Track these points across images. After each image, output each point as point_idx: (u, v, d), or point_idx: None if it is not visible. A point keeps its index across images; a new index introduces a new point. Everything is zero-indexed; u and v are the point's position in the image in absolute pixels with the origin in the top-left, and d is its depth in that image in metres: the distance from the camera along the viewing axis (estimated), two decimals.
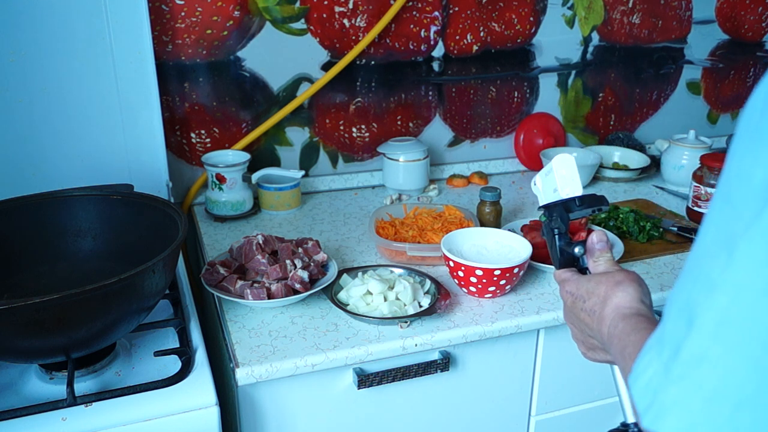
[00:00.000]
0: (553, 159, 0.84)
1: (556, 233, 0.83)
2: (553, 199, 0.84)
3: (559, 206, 0.83)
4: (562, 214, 0.82)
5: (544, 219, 0.85)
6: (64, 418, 0.85)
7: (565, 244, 0.82)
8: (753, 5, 1.94)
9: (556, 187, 0.83)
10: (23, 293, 1.02)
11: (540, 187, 0.87)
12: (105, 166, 1.37)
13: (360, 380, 1.04)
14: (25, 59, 1.26)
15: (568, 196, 0.82)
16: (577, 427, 1.28)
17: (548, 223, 0.84)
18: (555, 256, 0.84)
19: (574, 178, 0.82)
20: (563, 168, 0.82)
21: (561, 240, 0.82)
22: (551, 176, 0.84)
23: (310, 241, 1.22)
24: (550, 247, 0.84)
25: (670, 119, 1.97)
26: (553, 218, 0.83)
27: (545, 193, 0.86)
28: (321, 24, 1.54)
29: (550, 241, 0.84)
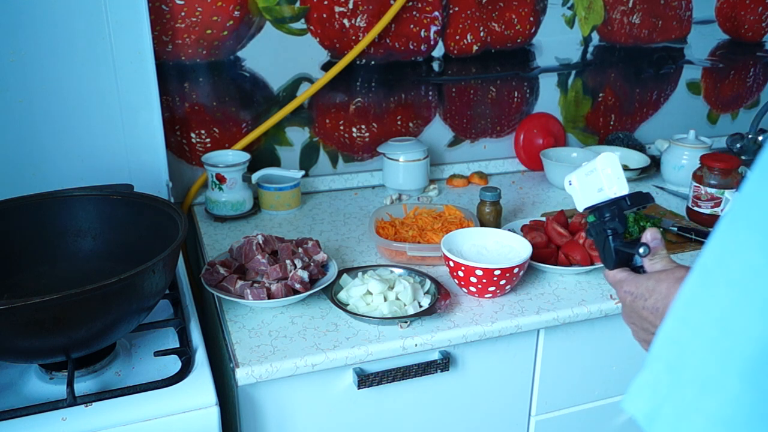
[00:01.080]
0: (596, 159, 0.82)
1: (610, 234, 0.81)
2: (600, 199, 0.81)
3: (609, 206, 0.81)
4: (617, 213, 0.80)
5: (592, 219, 0.83)
6: (64, 418, 0.85)
7: (622, 245, 0.80)
8: (753, 5, 1.94)
9: (601, 187, 0.81)
10: (23, 293, 1.02)
11: (578, 187, 0.85)
12: (105, 166, 1.37)
13: (360, 380, 1.04)
14: (25, 59, 1.26)
15: (617, 195, 0.80)
16: (577, 427, 1.28)
17: (598, 224, 0.82)
18: (609, 256, 0.81)
19: (619, 176, 0.81)
20: (608, 167, 0.80)
21: (616, 240, 0.81)
22: (595, 175, 0.82)
23: (310, 241, 1.22)
24: (602, 247, 0.82)
25: (670, 119, 1.97)
26: (606, 218, 0.81)
27: (587, 194, 0.83)
28: (321, 24, 1.54)
29: (601, 241, 0.82)
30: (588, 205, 0.84)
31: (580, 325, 1.19)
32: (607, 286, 1.20)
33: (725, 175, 1.44)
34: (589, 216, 0.83)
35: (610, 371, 1.26)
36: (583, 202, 0.85)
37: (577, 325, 1.18)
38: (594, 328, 1.21)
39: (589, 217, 0.83)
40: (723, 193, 1.43)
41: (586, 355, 1.22)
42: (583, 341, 1.21)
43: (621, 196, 0.80)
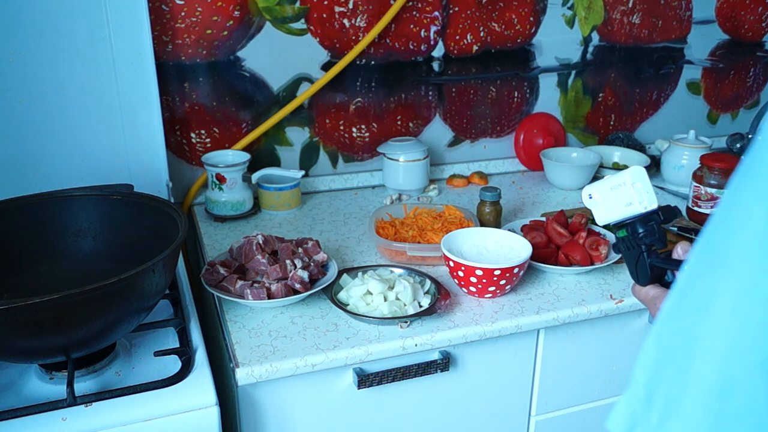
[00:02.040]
0: (626, 172, 0.79)
1: (645, 249, 0.78)
2: (628, 214, 0.79)
3: (641, 220, 0.79)
4: (652, 228, 0.78)
5: (624, 234, 0.80)
6: (64, 418, 0.85)
7: (659, 261, 0.78)
8: (753, 5, 1.94)
9: (631, 201, 0.78)
10: (23, 293, 1.02)
11: (600, 201, 0.82)
12: (105, 166, 1.37)
13: (360, 380, 1.04)
14: (25, 59, 1.26)
15: (648, 210, 0.78)
16: (577, 427, 1.28)
17: (631, 239, 0.80)
18: (644, 272, 0.79)
19: (649, 190, 0.78)
20: (638, 180, 0.78)
21: (651, 256, 0.78)
22: (623, 189, 0.79)
23: (310, 241, 1.22)
24: (635, 263, 0.80)
25: (670, 119, 1.97)
26: (641, 233, 0.79)
27: (611, 207, 0.81)
28: (321, 24, 1.54)
29: (634, 257, 0.80)
30: (614, 219, 0.81)
31: (580, 325, 1.19)
32: (607, 285, 1.20)
33: (725, 175, 1.44)
34: (620, 231, 0.81)
35: (610, 371, 1.26)
36: (606, 216, 0.82)
37: (577, 325, 1.18)
38: (594, 328, 1.21)
39: (620, 232, 0.81)
40: (723, 193, 1.43)
41: (586, 355, 1.22)
42: (583, 341, 1.21)
43: (653, 210, 0.78)
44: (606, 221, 0.83)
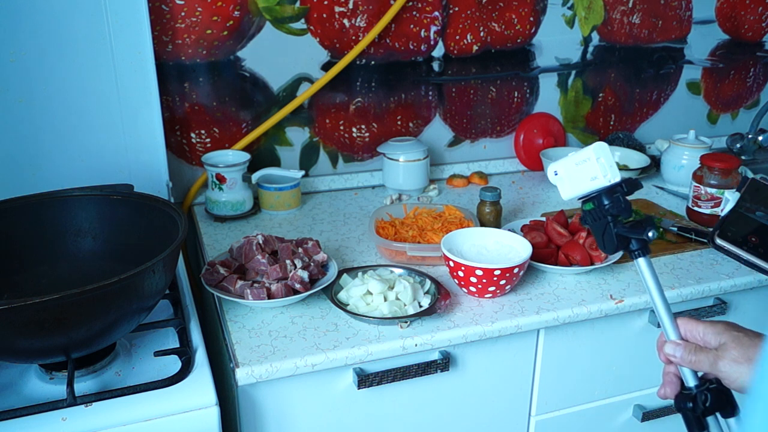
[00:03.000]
0: (589, 148, 0.83)
1: (611, 220, 0.81)
2: (594, 188, 0.82)
3: (607, 193, 0.81)
4: (618, 200, 0.81)
5: (591, 207, 0.83)
6: (64, 418, 0.85)
7: (626, 230, 0.81)
8: (753, 5, 1.94)
9: (595, 175, 0.81)
10: (23, 293, 1.02)
11: (565, 177, 0.85)
12: (105, 166, 1.37)
13: (360, 380, 1.04)
14: (25, 59, 1.26)
15: (612, 182, 0.81)
16: (577, 427, 1.28)
17: (597, 211, 0.82)
18: (609, 241, 0.82)
19: (612, 164, 0.81)
20: (602, 156, 0.81)
21: (617, 226, 0.81)
22: (588, 164, 0.82)
23: (310, 241, 1.22)
24: (601, 234, 0.82)
25: (670, 119, 1.97)
26: (606, 205, 0.81)
27: (577, 183, 0.84)
28: (321, 24, 1.54)
29: (601, 228, 0.82)
30: (580, 193, 0.84)
31: (580, 325, 1.19)
32: (607, 286, 1.20)
33: (725, 175, 1.44)
34: (587, 204, 0.83)
35: (610, 371, 1.26)
36: (572, 191, 0.85)
37: (577, 325, 1.18)
38: (594, 328, 1.21)
39: (587, 205, 0.83)
40: (723, 193, 1.43)
41: (586, 355, 1.22)
42: (583, 341, 1.21)
43: (616, 182, 0.81)
44: (571, 196, 0.85)
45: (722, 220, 1.33)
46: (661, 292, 0.82)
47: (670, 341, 0.80)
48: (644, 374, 1.29)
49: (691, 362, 0.78)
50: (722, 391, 0.78)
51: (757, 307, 1.33)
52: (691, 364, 0.78)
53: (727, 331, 0.78)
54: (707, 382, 0.79)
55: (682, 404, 0.79)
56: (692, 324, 0.80)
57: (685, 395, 0.79)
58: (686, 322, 0.81)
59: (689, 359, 0.78)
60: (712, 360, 0.76)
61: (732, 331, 0.77)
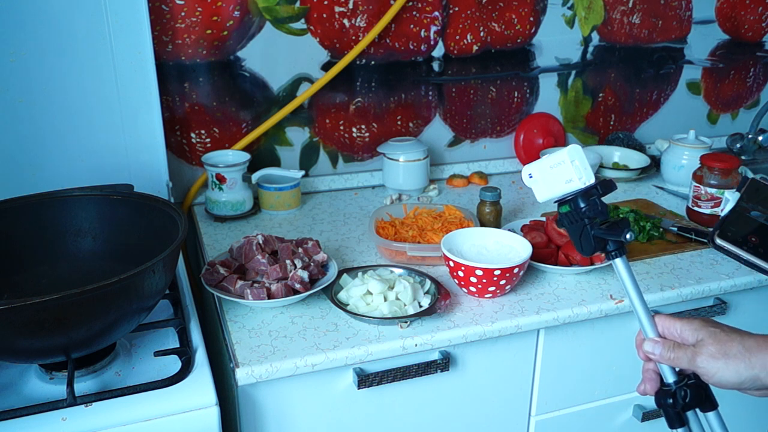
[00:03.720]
0: (563, 150, 0.83)
1: (587, 222, 0.82)
2: (568, 190, 0.82)
3: (582, 195, 0.82)
4: (594, 203, 0.81)
5: (567, 209, 0.84)
6: (64, 418, 0.85)
7: (603, 232, 0.81)
8: (753, 5, 1.94)
9: (570, 178, 0.82)
10: (23, 293, 1.02)
11: (540, 179, 0.86)
12: (105, 166, 1.37)
13: (360, 380, 1.04)
14: (25, 59, 1.26)
15: (587, 185, 0.81)
16: (577, 427, 1.28)
17: (573, 214, 0.83)
18: (587, 243, 0.82)
19: (586, 166, 0.82)
20: (576, 158, 0.81)
21: (594, 228, 0.81)
22: (563, 167, 0.82)
23: (310, 241, 1.22)
24: (578, 236, 0.83)
25: (670, 119, 1.97)
26: (583, 207, 0.82)
27: (551, 185, 0.84)
28: (321, 24, 1.54)
29: (578, 230, 0.83)
30: (555, 196, 0.84)
31: (580, 325, 1.19)
32: (607, 286, 1.20)
33: (725, 175, 1.44)
34: (563, 207, 0.84)
35: (610, 371, 1.26)
36: (546, 193, 0.85)
37: (577, 325, 1.18)
38: (594, 328, 1.21)
39: (563, 207, 0.84)
40: (723, 193, 1.43)
41: (586, 355, 1.22)
42: (583, 341, 1.21)
43: (591, 185, 0.81)
44: (546, 198, 0.85)
45: (722, 220, 1.33)
46: (639, 291, 0.83)
47: (649, 339, 0.82)
48: None
49: (670, 359, 0.79)
50: (701, 387, 0.80)
51: (757, 307, 1.33)
52: (669, 360, 0.79)
53: (704, 327, 0.79)
54: (685, 377, 0.80)
55: (663, 400, 0.81)
56: (669, 321, 0.81)
57: (665, 391, 0.81)
58: (663, 320, 0.82)
59: (668, 356, 0.79)
60: (690, 356, 0.77)
61: (709, 327, 0.79)
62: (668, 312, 1.23)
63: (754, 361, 0.75)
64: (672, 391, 0.80)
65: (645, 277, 1.24)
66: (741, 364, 0.75)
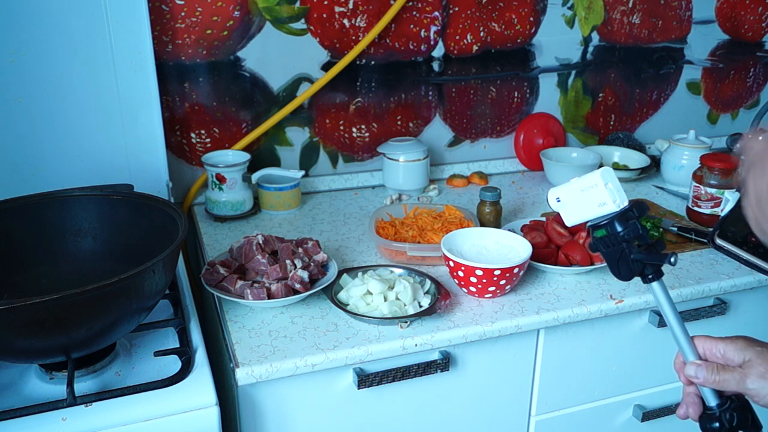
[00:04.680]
0: (596, 174, 0.81)
1: (625, 246, 0.79)
2: (602, 213, 0.80)
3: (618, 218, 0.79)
4: (634, 226, 0.79)
5: (603, 234, 0.81)
6: (64, 418, 0.85)
7: (645, 256, 0.79)
8: (753, 5, 1.94)
9: (604, 201, 0.79)
10: (23, 293, 1.02)
11: (569, 203, 0.83)
12: (105, 166, 1.37)
13: (360, 380, 1.04)
14: (25, 59, 1.26)
15: (621, 207, 0.79)
16: (577, 427, 1.28)
17: (610, 238, 0.80)
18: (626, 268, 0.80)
19: (619, 188, 0.80)
20: (610, 181, 0.79)
21: (632, 251, 0.79)
22: (597, 191, 0.80)
23: (310, 241, 1.22)
24: (616, 260, 0.81)
25: (670, 119, 1.97)
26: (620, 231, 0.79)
27: (583, 209, 0.82)
28: (321, 24, 1.54)
29: (616, 254, 0.80)
30: (586, 219, 0.82)
31: (580, 325, 1.19)
32: (607, 286, 1.20)
33: (725, 175, 1.44)
34: (599, 231, 0.81)
35: (610, 371, 1.26)
36: (576, 217, 0.83)
37: (577, 325, 1.18)
38: (594, 328, 1.21)
39: (599, 231, 0.81)
40: (723, 193, 1.43)
41: (586, 355, 1.22)
42: (583, 341, 1.21)
43: (626, 207, 0.79)
44: (576, 222, 0.84)
45: (722, 220, 1.33)
46: (677, 313, 0.81)
47: (691, 362, 0.79)
48: (644, 374, 1.29)
49: (716, 382, 0.76)
50: (746, 408, 0.77)
51: (757, 307, 1.33)
52: (715, 384, 0.76)
53: (750, 346, 0.76)
54: (728, 400, 0.77)
55: (708, 425, 0.78)
56: (711, 342, 0.78)
57: (710, 416, 0.78)
58: (704, 341, 0.79)
59: (713, 379, 0.76)
60: (739, 378, 0.75)
61: (754, 346, 0.76)
62: None
63: None
64: (716, 415, 0.77)
65: None
66: None
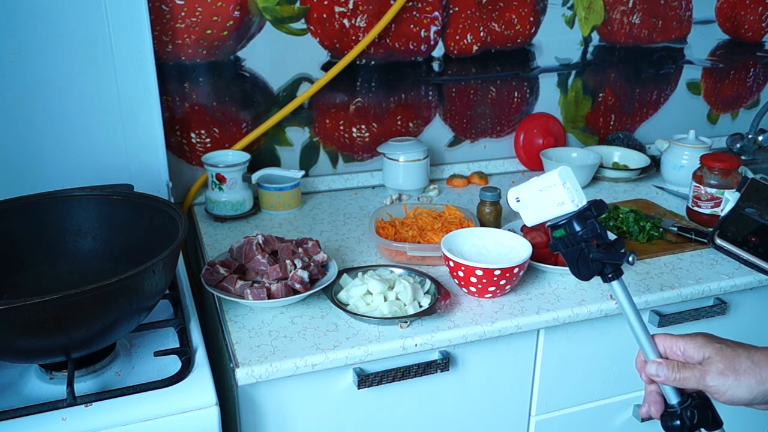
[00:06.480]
0: (554, 173, 0.80)
1: (584, 245, 0.79)
2: (561, 213, 0.80)
3: (577, 218, 0.79)
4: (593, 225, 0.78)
5: (562, 233, 0.81)
6: (64, 418, 0.85)
7: (604, 255, 0.79)
8: (753, 5, 1.94)
9: (563, 201, 0.79)
10: (23, 293, 1.02)
11: (529, 203, 0.83)
12: (105, 166, 1.37)
13: (360, 380, 1.04)
14: (25, 59, 1.26)
15: (580, 207, 0.79)
16: (577, 427, 1.28)
17: (569, 237, 0.80)
18: (585, 268, 0.80)
19: (578, 188, 0.80)
20: (568, 180, 0.79)
21: (593, 251, 0.79)
22: (555, 190, 0.80)
23: (310, 241, 1.22)
24: (575, 260, 0.81)
25: (670, 119, 1.97)
26: (578, 230, 0.79)
27: (542, 209, 0.82)
28: (321, 24, 1.54)
29: (575, 254, 0.80)
30: (547, 219, 0.82)
31: (580, 325, 1.19)
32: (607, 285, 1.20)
33: (725, 175, 1.44)
34: (558, 231, 0.81)
35: (610, 371, 1.26)
36: (536, 217, 0.83)
37: (577, 325, 1.18)
38: (594, 328, 1.21)
39: (558, 231, 0.81)
40: (723, 193, 1.43)
41: (586, 355, 1.22)
42: (583, 341, 1.21)
43: (584, 206, 0.79)
44: (535, 222, 0.83)
45: (722, 220, 1.33)
46: (637, 312, 0.80)
47: (652, 360, 0.79)
48: None
49: (676, 380, 0.76)
50: (706, 406, 0.77)
51: (757, 307, 1.33)
52: (676, 381, 0.76)
53: (710, 343, 0.75)
54: (689, 397, 0.78)
55: (669, 423, 0.78)
56: (671, 340, 0.78)
57: (671, 413, 0.78)
58: (664, 339, 0.79)
59: (674, 377, 0.76)
60: (699, 375, 0.75)
61: (714, 343, 0.75)
62: (668, 312, 1.23)
63: (764, 375, 0.72)
64: (677, 413, 0.77)
65: (645, 277, 1.24)
66: (752, 379, 0.72)
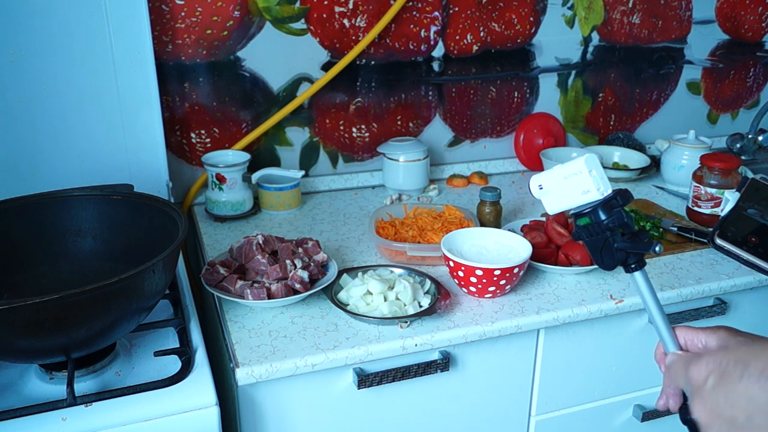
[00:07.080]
0: (579, 160, 0.79)
1: (609, 234, 0.78)
2: (586, 201, 0.79)
3: (602, 206, 0.78)
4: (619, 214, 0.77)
5: (587, 222, 0.79)
6: (64, 418, 0.85)
7: (629, 245, 0.77)
8: (753, 5, 1.94)
9: (588, 189, 0.78)
10: (23, 293, 1.02)
11: (552, 191, 0.81)
12: (105, 166, 1.37)
13: (360, 380, 1.04)
14: (25, 59, 1.26)
15: (605, 195, 0.78)
16: (577, 427, 1.28)
17: (594, 226, 0.79)
18: (609, 257, 0.79)
19: (603, 176, 0.78)
20: (594, 168, 0.78)
21: (617, 240, 0.78)
22: (580, 178, 0.78)
23: (310, 241, 1.22)
24: (599, 249, 0.79)
25: (670, 119, 1.97)
26: (604, 219, 0.78)
27: (566, 197, 0.80)
28: (321, 24, 1.54)
29: (600, 243, 0.79)
30: (569, 207, 0.81)
31: (580, 325, 1.19)
32: (607, 286, 1.20)
33: (725, 175, 1.44)
34: (582, 219, 0.80)
35: (610, 371, 1.26)
36: (559, 205, 0.81)
37: (577, 325, 1.18)
38: (594, 328, 1.21)
39: (582, 220, 0.80)
40: (723, 193, 1.43)
41: (586, 355, 1.22)
42: (583, 341, 1.21)
43: (610, 195, 0.78)
44: (558, 210, 0.82)
45: (722, 220, 1.33)
46: (658, 303, 0.80)
47: (672, 353, 0.78)
48: (644, 374, 1.29)
49: None
50: None
51: (757, 307, 1.33)
52: None
53: (731, 336, 0.75)
54: None
55: (688, 416, 0.77)
56: (692, 333, 0.77)
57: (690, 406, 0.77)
58: (685, 332, 0.78)
59: None
60: None
61: (736, 336, 0.74)
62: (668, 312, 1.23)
63: None
64: None
65: None
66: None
